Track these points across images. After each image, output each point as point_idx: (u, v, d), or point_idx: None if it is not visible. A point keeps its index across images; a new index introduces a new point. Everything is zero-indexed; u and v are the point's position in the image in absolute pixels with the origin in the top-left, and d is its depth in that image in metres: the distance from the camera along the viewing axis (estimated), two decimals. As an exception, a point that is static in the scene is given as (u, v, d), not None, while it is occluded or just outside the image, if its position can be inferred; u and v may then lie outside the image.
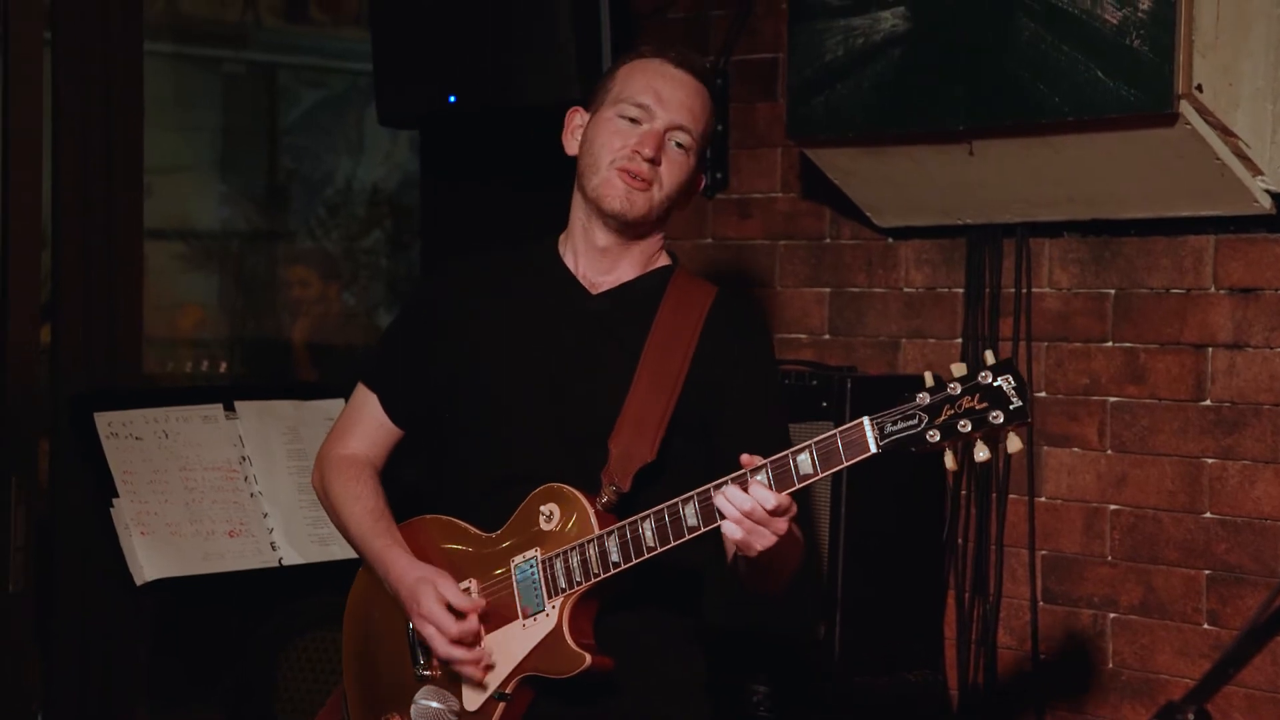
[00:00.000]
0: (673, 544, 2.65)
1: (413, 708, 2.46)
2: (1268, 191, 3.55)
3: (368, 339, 5.95)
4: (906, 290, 4.27)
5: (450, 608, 2.82)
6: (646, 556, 2.68)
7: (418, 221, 5.15)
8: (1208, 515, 3.71)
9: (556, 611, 2.77)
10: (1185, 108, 3.42)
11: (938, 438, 2.39)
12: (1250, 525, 3.64)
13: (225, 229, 5.91)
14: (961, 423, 2.37)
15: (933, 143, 3.88)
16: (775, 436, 2.87)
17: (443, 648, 2.82)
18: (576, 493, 2.79)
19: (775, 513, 2.54)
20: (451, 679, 2.86)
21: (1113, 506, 3.88)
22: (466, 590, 2.86)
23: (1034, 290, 4.01)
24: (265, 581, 3.83)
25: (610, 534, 2.71)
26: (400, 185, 6.09)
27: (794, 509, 2.59)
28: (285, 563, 3.86)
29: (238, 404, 3.99)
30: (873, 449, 2.45)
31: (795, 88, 4.05)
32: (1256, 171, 3.53)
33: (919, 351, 4.24)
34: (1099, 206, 3.81)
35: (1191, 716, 1.70)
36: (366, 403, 3.08)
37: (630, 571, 2.71)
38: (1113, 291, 3.88)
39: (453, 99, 4.35)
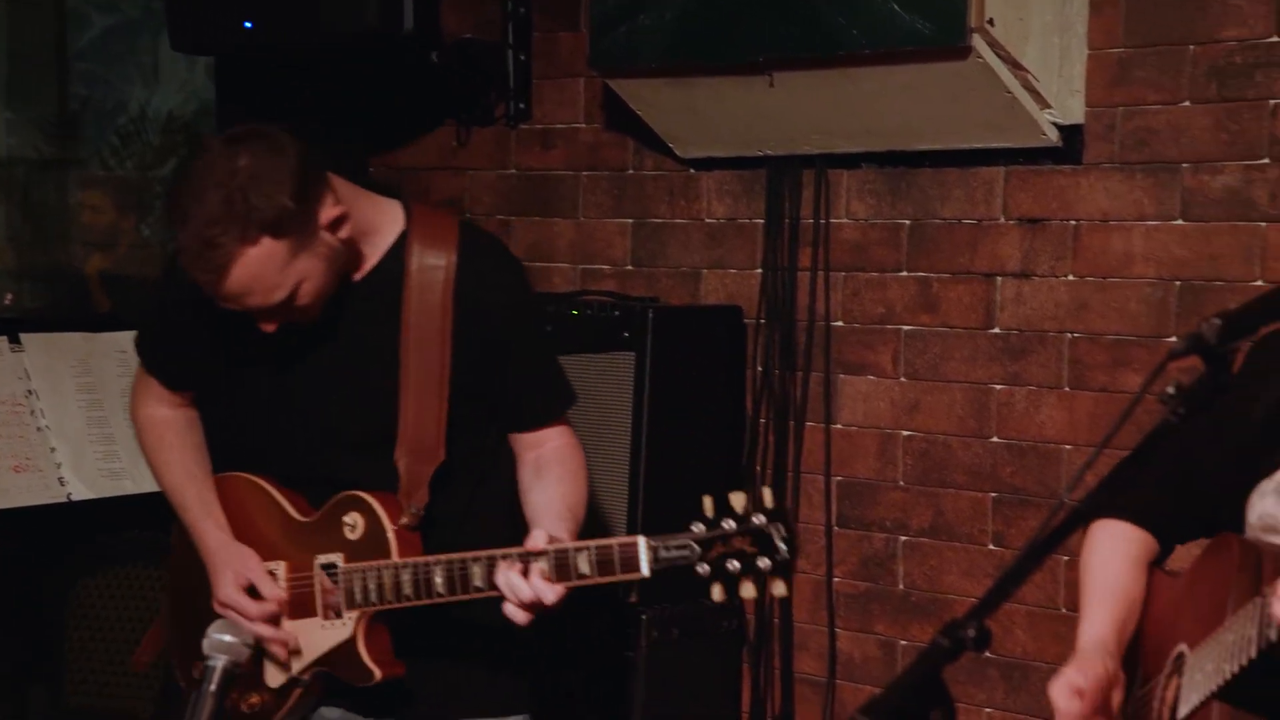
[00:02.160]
0: (459, 597, 2.65)
1: (205, 641, 2.43)
2: (1055, 124, 3.64)
3: (160, 270, 5.79)
4: (708, 221, 4.30)
5: (252, 589, 2.81)
6: (435, 601, 2.68)
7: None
8: (995, 440, 3.82)
9: (353, 623, 2.76)
10: (977, 41, 3.49)
11: (707, 571, 2.45)
12: (1035, 449, 3.76)
13: (12, 157, 5.72)
14: (730, 562, 2.43)
15: (733, 74, 3.90)
16: (550, 387, 2.88)
17: (246, 625, 2.79)
18: (379, 510, 2.75)
19: (552, 606, 2.58)
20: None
21: (905, 432, 3.97)
22: (273, 574, 2.84)
23: (832, 221, 4.07)
24: (55, 518, 3.74)
25: (405, 567, 2.69)
26: (197, 114, 5.93)
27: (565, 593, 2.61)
28: (75, 498, 3.77)
29: (23, 336, 3.88)
30: (644, 572, 2.50)
31: (597, 18, 4.04)
32: (1044, 105, 3.62)
33: (720, 282, 4.28)
34: (895, 138, 3.88)
35: (973, 633, 1.74)
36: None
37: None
38: (907, 222, 3.96)
39: (248, 25, 4.25)
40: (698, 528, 2.45)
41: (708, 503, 2.46)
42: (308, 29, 4.17)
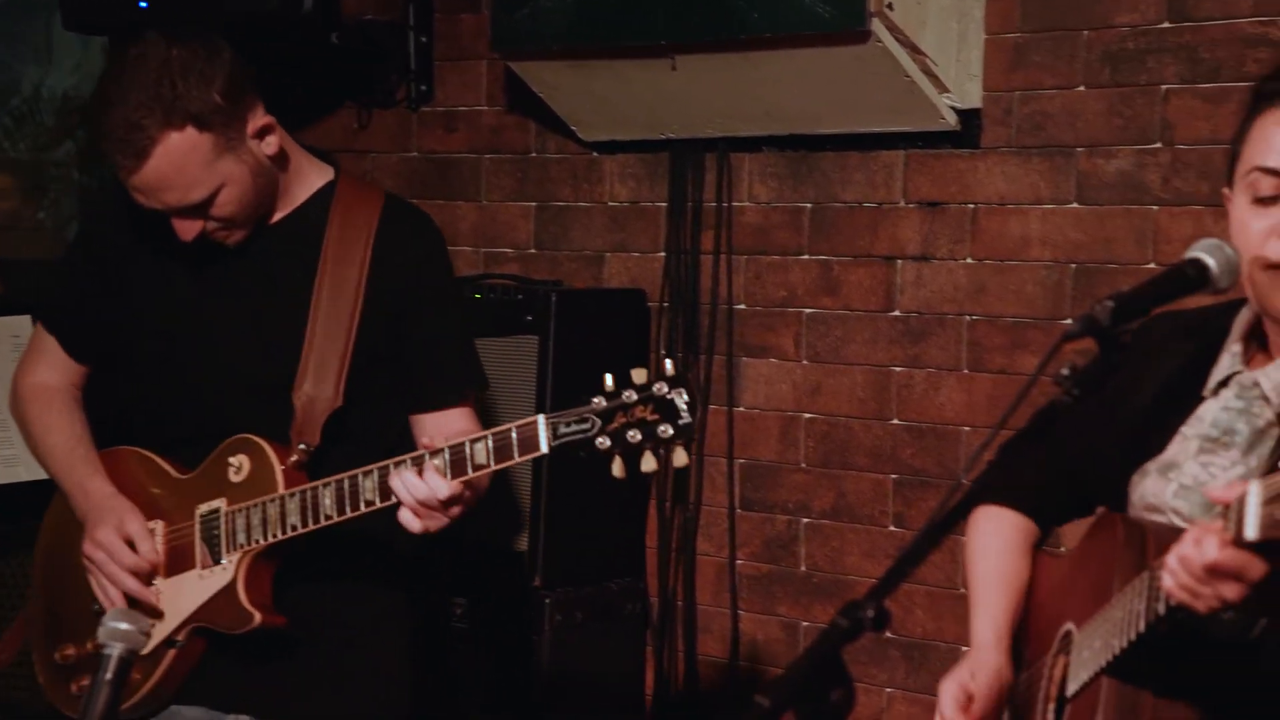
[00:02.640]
0: (350, 515, 2.62)
1: (101, 629, 2.40)
2: (953, 108, 3.68)
3: (57, 254, 5.71)
4: (611, 204, 4.30)
5: (129, 544, 2.77)
6: (324, 524, 2.65)
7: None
8: (895, 422, 3.86)
9: (233, 566, 2.73)
10: (877, 25, 3.51)
11: (607, 445, 2.41)
12: (934, 430, 3.80)
13: (-100, 137, 5.60)
14: (631, 433, 2.40)
15: (636, 57, 3.90)
16: (460, 366, 2.86)
17: (112, 571, 2.75)
18: (267, 448, 2.74)
19: (449, 502, 2.54)
20: None
21: (807, 415, 3.99)
22: (152, 531, 2.81)
23: (734, 204, 4.08)
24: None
25: (292, 496, 2.67)
26: (92, 95, 5.82)
27: (469, 495, 2.59)
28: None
29: (-87, 320, 3.81)
30: (543, 449, 2.46)
31: (499, 0, 4.02)
32: (943, 89, 3.66)
33: (623, 265, 4.28)
34: (796, 122, 3.89)
35: (871, 613, 1.76)
36: (49, 337, 2.97)
37: (315, 533, 2.68)
38: (809, 205, 3.98)
39: (144, 4, 4.18)
40: (597, 400, 2.43)
41: (608, 378, 2.44)
42: (205, 8, 4.11)
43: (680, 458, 2.41)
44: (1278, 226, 1.93)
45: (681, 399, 2.38)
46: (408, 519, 2.57)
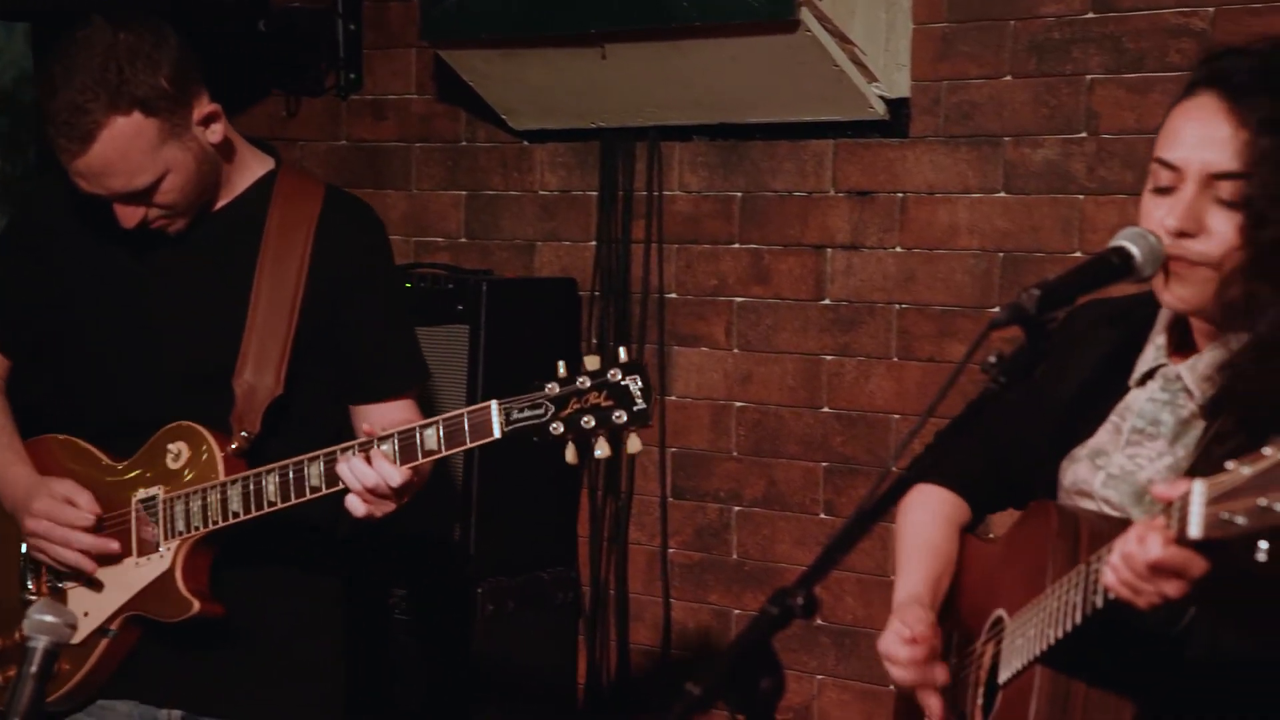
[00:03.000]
0: (295, 501, 2.61)
1: (26, 621, 2.37)
2: (882, 97, 3.70)
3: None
4: (542, 193, 4.29)
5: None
6: (268, 511, 2.63)
7: (34, 120, 4.90)
8: (825, 410, 3.88)
9: (171, 554, 2.71)
10: (805, 15, 3.52)
11: (561, 430, 2.40)
12: (864, 418, 3.82)
13: None
14: (585, 419, 2.39)
15: (566, 45, 3.89)
16: (402, 357, 2.85)
17: (61, 535, 2.72)
18: (206, 434, 2.72)
19: (400, 489, 2.53)
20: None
21: (738, 403, 4.00)
22: None
23: (665, 193, 4.08)
24: None
25: (234, 483, 2.65)
26: (15, 82, 5.75)
27: (416, 481, 2.57)
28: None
29: None
30: (496, 434, 2.45)
31: (428, -13, 4.01)
32: (871, 78, 3.67)
33: (554, 254, 4.28)
34: (726, 111, 3.90)
35: (801, 600, 1.77)
36: None
37: (255, 520, 2.66)
38: (739, 194, 3.99)
39: (67, -10, 4.13)
40: (551, 386, 2.42)
41: (561, 365, 2.43)
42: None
43: (634, 444, 2.42)
44: (1168, 215, 1.95)
45: (636, 385, 2.38)
46: (354, 504, 2.55)
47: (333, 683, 2.91)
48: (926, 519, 2.30)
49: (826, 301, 3.87)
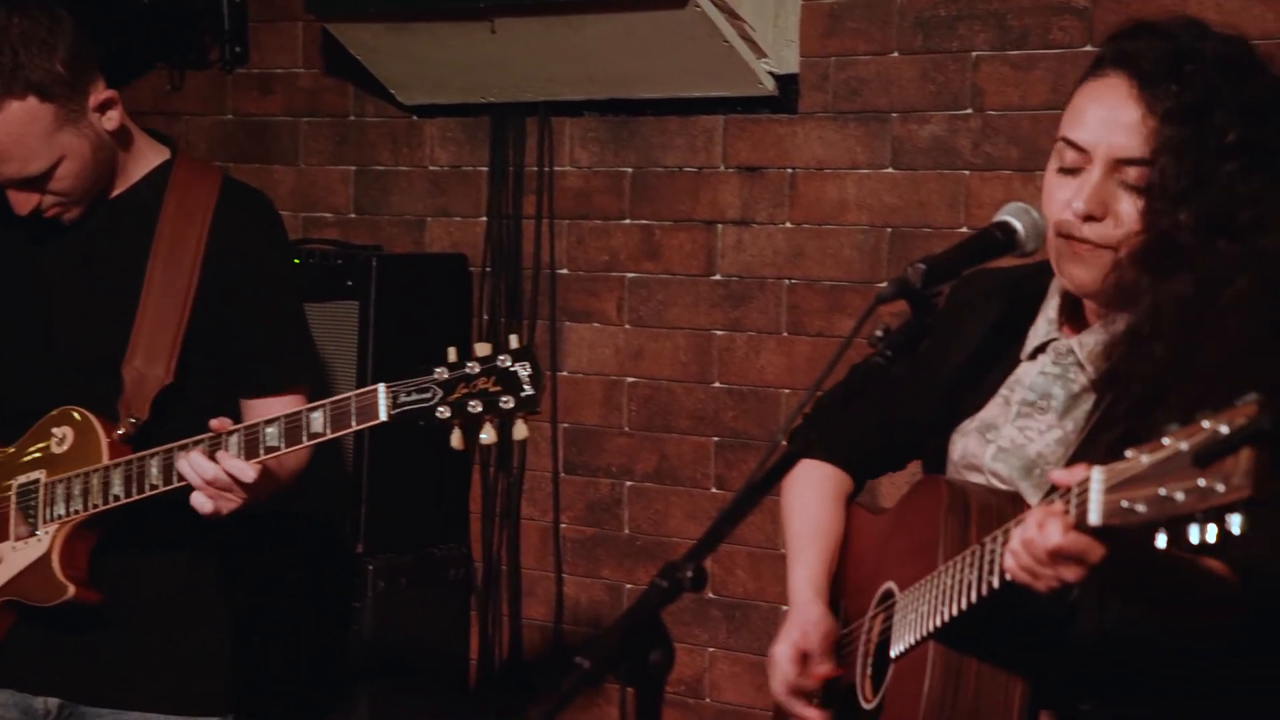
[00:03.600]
0: (177, 485, 2.58)
1: None
2: (771, 73, 3.71)
3: None
4: (432, 168, 4.27)
5: None
6: (150, 494, 2.61)
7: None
8: (717, 385, 3.89)
9: (49, 538, 2.67)
10: (695, -10, 3.53)
11: (448, 414, 2.39)
12: (755, 393, 3.84)
13: None
14: (472, 403, 2.38)
15: (455, 19, 3.86)
16: (293, 352, 2.83)
17: None
18: (92, 419, 2.69)
19: (251, 484, 2.52)
20: None
21: (630, 379, 4.01)
22: None
23: (556, 169, 4.08)
24: None
25: (116, 466, 2.62)
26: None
27: (281, 474, 2.56)
28: None
29: None
30: (383, 417, 2.44)
31: (314, -41, 3.96)
32: (761, 54, 3.69)
33: (445, 230, 4.25)
34: (617, 86, 3.90)
35: (690, 574, 1.77)
36: None
37: (137, 505, 2.63)
38: (630, 170, 3.99)
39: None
40: (440, 370, 2.42)
41: (451, 351, 2.43)
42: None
43: (520, 431, 2.42)
44: (1075, 198, 1.97)
45: (525, 371, 2.38)
46: (197, 500, 2.54)
47: (216, 666, 2.88)
48: (814, 498, 2.32)
49: (717, 277, 3.89)
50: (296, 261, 3.98)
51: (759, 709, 3.74)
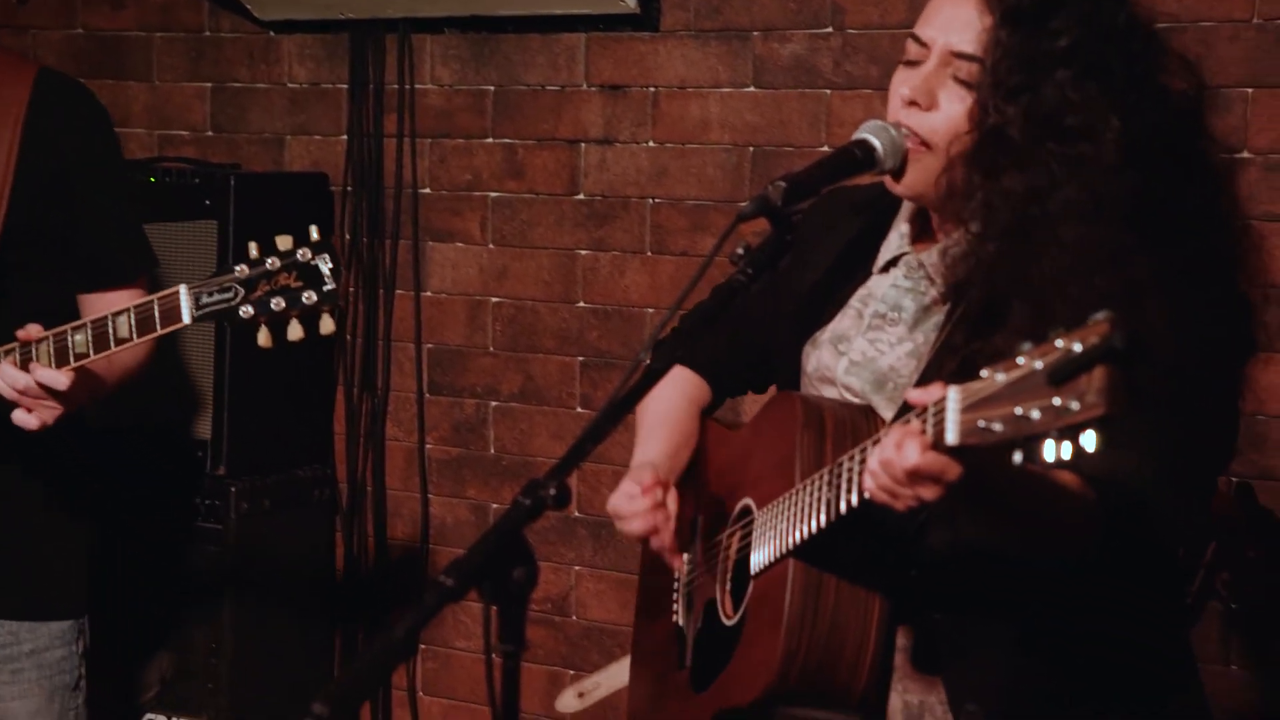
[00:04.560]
0: None
1: None
2: (634, -9, 3.70)
3: None
4: (290, 86, 4.20)
5: None
6: None
7: None
8: (581, 305, 3.89)
9: None
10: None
11: (251, 313, 2.37)
12: (619, 312, 3.84)
13: None
14: (276, 300, 2.36)
15: (312, -67, 3.79)
16: (127, 245, 2.77)
17: None
18: None
19: (65, 392, 2.47)
20: None
21: (494, 299, 4.00)
22: None
23: (417, 87, 4.03)
24: None
25: None
26: None
27: (98, 381, 2.51)
28: None
29: None
30: (186, 319, 2.41)
31: None
32: (623, -28, 3.67)
33: (304, 148, 4.19)
34: (477, 3, 3.85)
35: (553, 491, 1.78)
36: None
37: None
38: (492, 88, 3.96)
39: None
40: (241, 268, 2.40)
41: (253, 246, 2.41)
42: None
43: (327, 325, 2.40)
44: (903, 86, 1.98)
45: (325, 265, 2.37)
46: (20, 417, 2.50)
47: (74, 586, 2.84)
48: (666, 394, 2.32)
49: (581, 196, 3.88)
50: (152, 180, 3.92)
51: (624, 626, 3.77)
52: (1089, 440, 1.46)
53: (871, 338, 2.08)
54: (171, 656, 3.86)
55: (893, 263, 2.11)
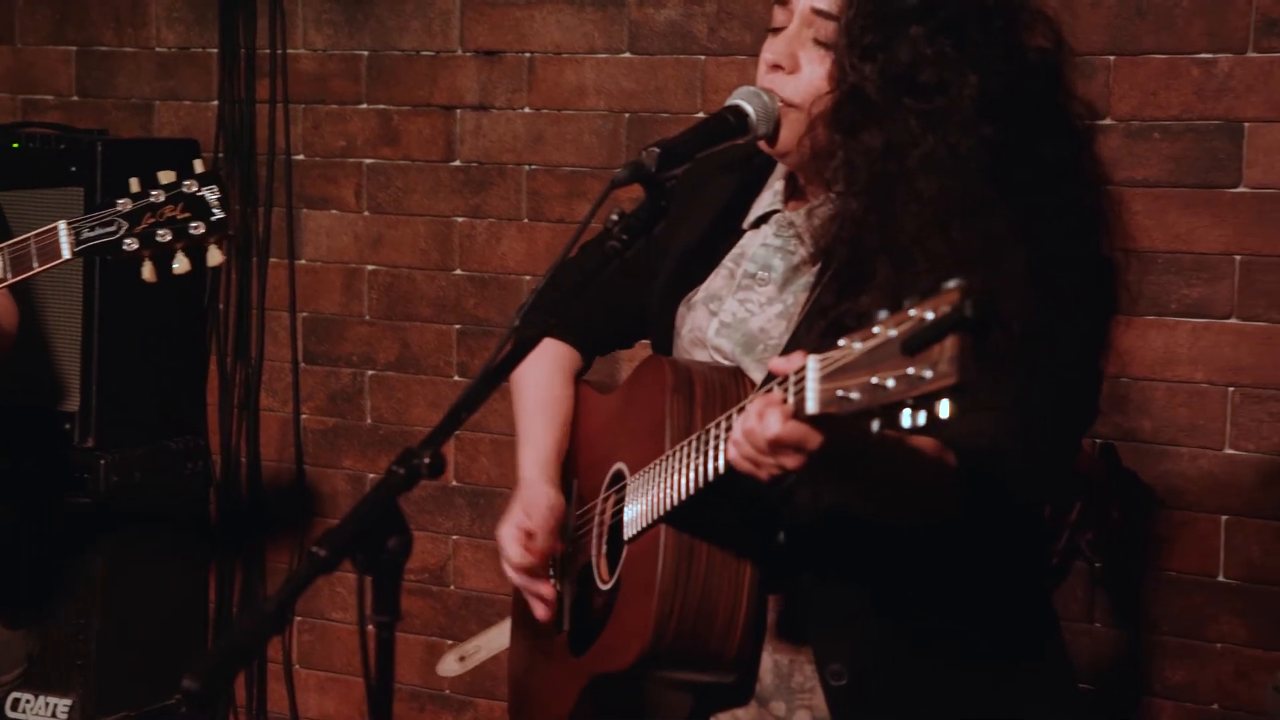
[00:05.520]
0: None
1: None
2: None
3: None
4: (159, 50, 4.12)
5: None
6: None
7: None
8: (458, 272, 3.87)
9: None
10: None
11: (135, 246, 2.32)
12: (496, 280, 3.83)
13: None
14: (161, 232, 2.32)
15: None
16: None
17: None
18: None
19: None
20: None
21: (370, 267, 3.96)
22: None
23: (290, 51, 3.98)
24: None
25: None
26: None
27: None
28: None
29: None
30: (66, 255, 2.36)
31: None
32: (498, -63, 3.64)
33: (174, 114, 4.12)
34: (350, -33, 3.81)
35: (427, 460, 1.77)
36: None
37: None
38: (366, 53, 3.91)
39: None
40: (123, 202, 2.35)
41: (133, 182, 2.36)
42: None
43: (214, 256, 2.37)
44: (767, 51, 1.99)
45: (214, 195, 2.33)
46: None
47: None
48: (543, 375, 2.32)
49: (457, 163, 3.85)
50: (15, 146, 3.83)
51: (502, 594, 3.77)
52: (944, 408, 1.48)
53: (742, 298, 2.08)
54: (38, 634, 3.80)
55: (764, 219, 2.11)
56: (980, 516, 1.87)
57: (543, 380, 2.32)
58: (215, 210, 2.33)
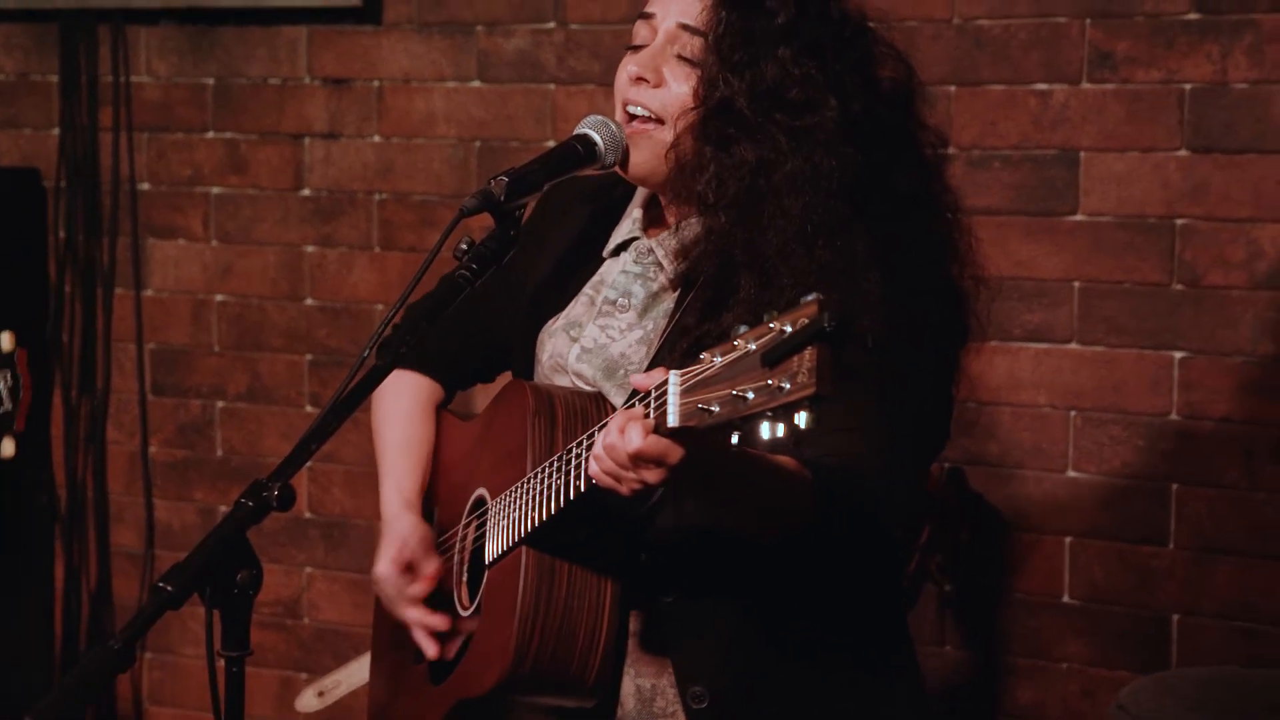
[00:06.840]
0: None
1: None
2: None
3: None
4: (-2, 77, 4.05)
5: None
6: None
7: None
8: (309, 302, 3.84)
9: None
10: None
11: None
12: (348, 309, 3.80)
13: None
14: None
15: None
16: None
17: None
18: None
19: None
20: None
21: (219, 297, 3.92)
22: None
23: (133, 79, 3.92)
24: None
25: None
26: None
27: None
28: None
29: None
30: None
31: None
32: (345, -35, 3.62)
33: (14, 142, 4.04)
34: (195, -6, 3.78)
35: (276, 492, 1.76)
36: None
37: None
38: (212, 81, 3.87)
39: None
40: None
41: None
42: None
43: (7, 448, 2.26)
44: (631, 64, 2.01)
45: (4, 384, 2.22)
46: None
47: None
48: (403, 410, 2.31)
49: (306, 192, 3.82)
50: None
51: (359, 627, 3.74)
52: (802, 419, 1.50)
53: (602, 324, 2.10)
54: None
55: (623, 247, 2.13)
56: (836, 533, 1.89)
57: (403, 415, 2.31)
58: (4, 401, 2.19)
